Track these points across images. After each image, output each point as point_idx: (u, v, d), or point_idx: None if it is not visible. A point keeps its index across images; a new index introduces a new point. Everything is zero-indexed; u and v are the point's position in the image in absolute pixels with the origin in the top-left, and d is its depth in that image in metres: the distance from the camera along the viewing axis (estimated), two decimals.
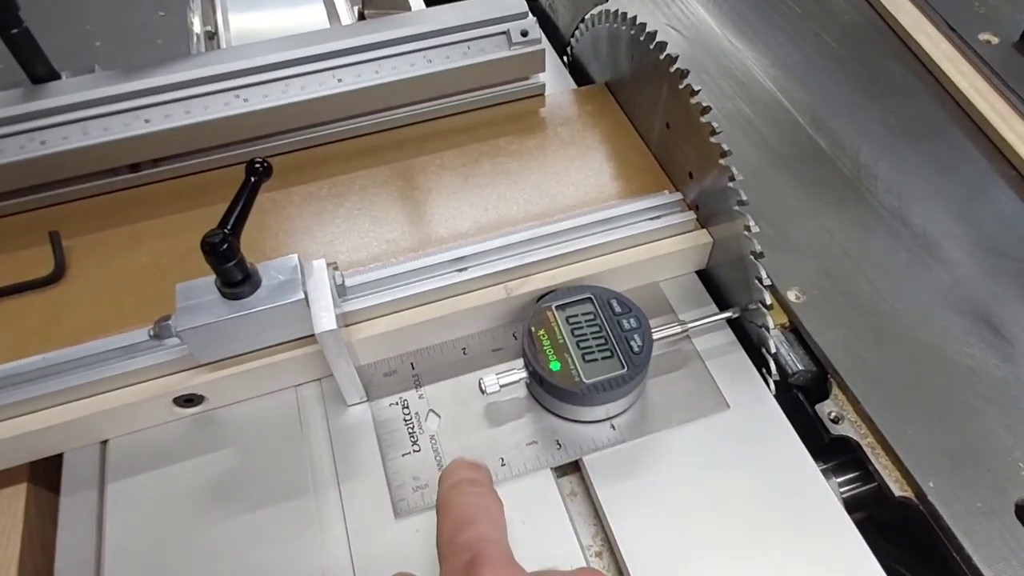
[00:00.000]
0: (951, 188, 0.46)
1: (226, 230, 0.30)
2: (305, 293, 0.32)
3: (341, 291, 0.36)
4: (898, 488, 0.34)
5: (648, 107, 0.44)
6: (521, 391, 0.37)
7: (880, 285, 0.41)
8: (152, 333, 0.32)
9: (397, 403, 0.36)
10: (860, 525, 0.33)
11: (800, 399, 0.39)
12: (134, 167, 0.43)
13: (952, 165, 0.47)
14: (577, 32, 0.53)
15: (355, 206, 0.42)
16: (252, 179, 0.32)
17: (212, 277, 0.32)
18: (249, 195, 0.32)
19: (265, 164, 0.32)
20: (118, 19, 0.60)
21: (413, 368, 0.37)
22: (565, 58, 0.56)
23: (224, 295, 0.32)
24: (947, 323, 0.39)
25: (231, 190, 0.32)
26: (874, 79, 0.53)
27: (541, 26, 0.53)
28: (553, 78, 0.51)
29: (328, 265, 0.34)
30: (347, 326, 0.36)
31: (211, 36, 0.63)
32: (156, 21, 0.64)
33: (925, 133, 0.49)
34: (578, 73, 0.54)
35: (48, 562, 0.32)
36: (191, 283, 0.33)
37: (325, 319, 0.32)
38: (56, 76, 0.43)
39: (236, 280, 0.32)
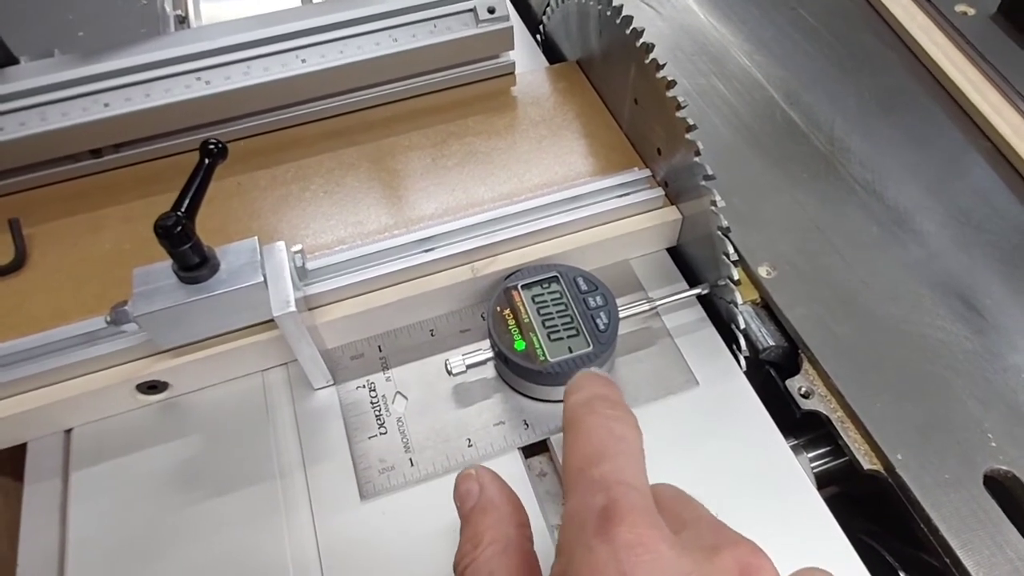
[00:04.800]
0: (925, 161, 0.46)
1: (180, 212, 0.30)
2: (264, 276, 0.32)
3: (302, 274, 0.35)
4: (867, 461, 0.34)
5: (618, 83, 0.43)
6: (489, 372, 0.36)
7: (852, 259, 0.41)
8: (109, 319, 0.31)
9: (364, 386, 0.36)
10: (832, 500, 0.33)
11: (772, 375, 0.39)
12: (95, 153, 0.42)
13: (926, 138, 0.47)
14: (548, 9, 0.52)
15: (321, 189, 0.42)
16: (206, 160, 0.31)
17: (170, 262, 0.32)
18: (204, 177, 0.31)
19: (220, 145, 0.32)
20: (101, 8, 0.59)
21: (380, 351, 0.37)
22: (538, 36, 0.55)
23: (182, 279, 0.31)
24: (918, 297, 0.39)
25: None
26: (849, 52, 0.52)
27: (513, 4, 0.53)
28: (526, 57, 0.51)
29: (289, 248, 0.34)
30: (312, 309, 0.36)
31: (181, 20, 0.62)
32: (138, 9, 0.63)
33: (900, 106, 0.49)
34: (550, 52, 0.53)
35: (13, 550, 0.32)
36: (148, 268, 0.32)
37: (283, 302, 0.31)
38: (14, 61, 0.42)
39: (193, 264, 0.31)
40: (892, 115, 0.48)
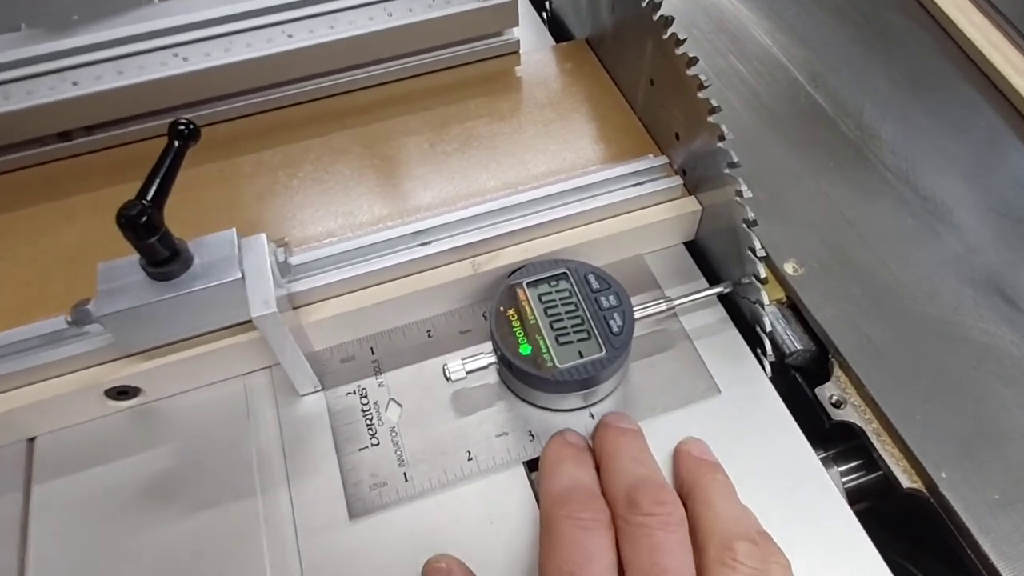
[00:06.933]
0: (962, 148, 0.42)
1: (145, 201, 0.27)
2: (243, 272, 0.29)
3: (284, 269, 0.32)
4: (907, 479, 0.31)
5: (632, 63, 0.40)
6: (492, 377, 0.33)
7: (885, 255, 0.37)
8: (70, 319, 0.28)
9: (355, 392, 0.33)
10: (862, 516, 0.30)
11: (798, 381, 0.36)
12: (64, 136, 0.39)
13: (963, 124, 0.44)
14: None
15: (309, 176, 0.39)
16: (176, 143, 0.28)
17: (138, 256, 0.28)
18: (173, 161, 0.28)
19: (191, 126, 0.28)
20: None
21: (373, 353, 0.34)
22: (544, 15, 0.52)
23: (150, 275, 0.28)
24: (959, 295, 0.36)
25: None
26: (878, 32, 0.49)
27: None
28: (530, 35, 0.47)
29: (271, 241, 0.31)
30: (297, 308, 0.33)
31: None
32: None
33: (933, 89, 0.45)
34: (557, 30, 0.50)
35: None
36: (114, 263, 0.29)
37: (262, 301, 0.28)
38: None
39: (162, 258, 0.28)
40: (926, 99, 0.45)
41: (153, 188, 0.27)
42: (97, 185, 0.38)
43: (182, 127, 0.28)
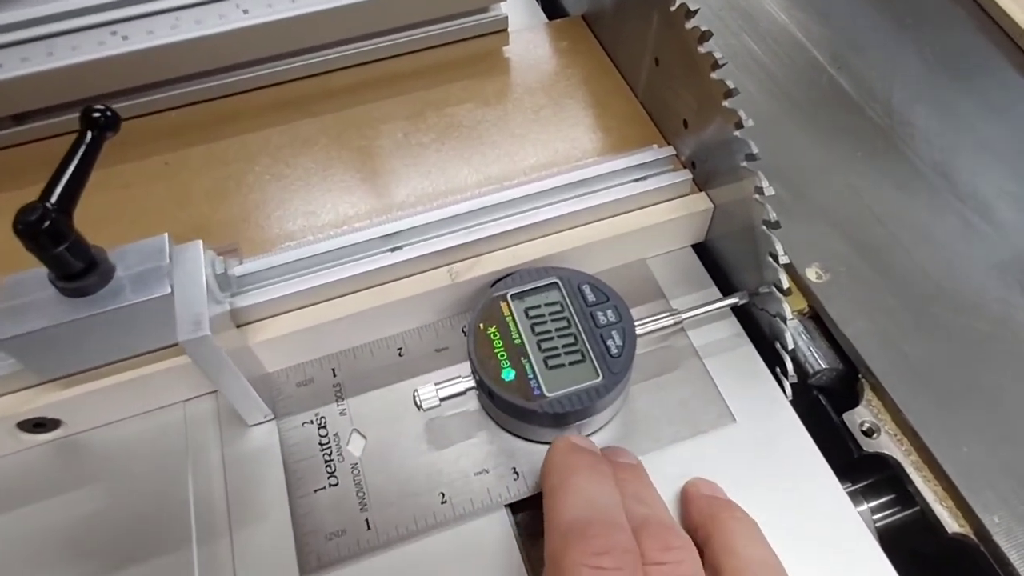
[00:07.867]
0: (1005, 137, 0.38)
1: (49, 204, 0.22)
2: (173, 286, 0.24)
3: (225, 283, 0.27)
4: (953, 522, 0.27)
5: (634, 41, 0.35)
6: (471, 403, 0.29)
7: (922, 258, 0.33)
8: None
9: (312, 421, 0.29)
10: (893, 556, 0.26)
11: (822, 404, 0.31)
12: None
13: (1005, 109, 0.39)
14: None
15: (267, 171, 0.34)
16: (90, 133, 0.24)
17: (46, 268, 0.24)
18: (85, 155, 0.24)
19: (108, 112, 0.24)
20: None
21: (334, 375, 0.30)
22: None
23: (61, 291, 0.24)
24: (1008, 305, 0.31)
25: (112, 154, 0.24)
26: (907, 6, 0.44)
27: None
28: (519, 10, 0.43)
29: (210, 248, 0.26)
30: (243, 326, 0.28)
31: None
32: None
33: (970, 71, 0.41)
34: (550, 5, 0.45)
35: None
36: (20, 275, 0.25)
37: (192, 322, 0.24)
38: None
39: (74, 271, 0.23)
40: (962, 81, 0.40)
41: (59, 188, 0.23)
42: (26, 181, 0.33)
43: (97, 114, 0.24)
